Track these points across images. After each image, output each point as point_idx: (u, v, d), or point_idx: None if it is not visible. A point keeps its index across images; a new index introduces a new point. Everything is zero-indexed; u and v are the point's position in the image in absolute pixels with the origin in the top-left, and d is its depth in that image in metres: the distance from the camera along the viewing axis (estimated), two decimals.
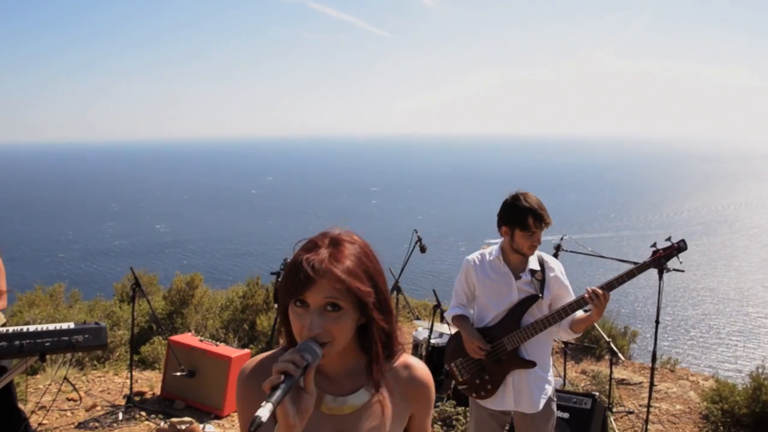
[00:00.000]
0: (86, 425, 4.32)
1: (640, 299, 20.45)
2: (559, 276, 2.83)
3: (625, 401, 5.28)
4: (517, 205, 2.70)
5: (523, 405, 2.79)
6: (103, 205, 55.83)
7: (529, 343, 2.77)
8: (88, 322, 3.84)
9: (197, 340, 4.81)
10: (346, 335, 1.21)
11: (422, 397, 1.37)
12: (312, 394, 1.14)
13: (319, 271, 1.16)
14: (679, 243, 2.75)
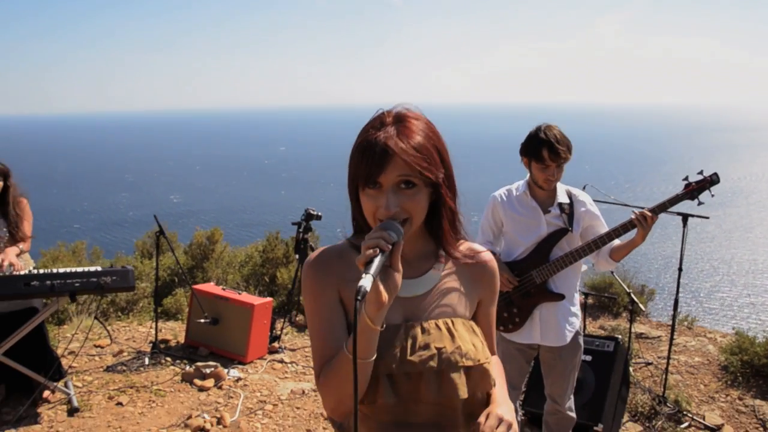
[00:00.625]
0: (114, 369, 4.42)
1: (659, 259, 20.39)
2: (590, 208, 2.82)
3: (644, 353, 5.31)
4: (535, 136, 2.66)
5: (550, 338, 2.81)
6: (117, 176, 56.16)
7: (558, 277, 2.77)
8: (115, 266, 3.92)
9: (220, 289, 4.87)
10: (422, 212, 1.21)
11: (489, 281, 1.38)
12: (399, 272, 1.15)
13: (390, 149, 1.15)
14: (712, 176, 2.72)
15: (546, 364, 2.93)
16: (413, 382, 1.22)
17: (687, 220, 4.02)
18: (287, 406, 3.91)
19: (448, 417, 1.26)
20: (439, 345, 1.22)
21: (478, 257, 1.36)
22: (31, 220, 4.09)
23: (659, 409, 4.16)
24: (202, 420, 3.63)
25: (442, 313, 1.28)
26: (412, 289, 1.28)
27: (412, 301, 1.28)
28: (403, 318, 1.26)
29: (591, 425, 3.53)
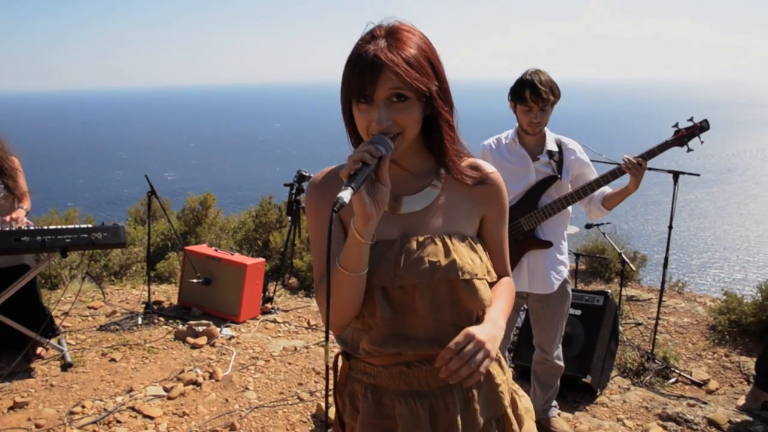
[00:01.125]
0: (107, 328, 4.44)
1: (650, 223, 20.43)
2: (580, 156, 2.81)
3: (634, 315, 5.36)
4: (520, 79, 2.65)
5: (538, 286, 2.83)
6: (111, 154, 55.80)
7: (546, 224, 2.78)
8: (106, 224, 3.91)
9: (212, 250, 4.88)
10: (415, 127, 1.20)
11: (493, 197, 1.34)
12: (387, 186, 1.15)
13: (381, 61, 1.13)
14: (702, 122, 2.71)
15: (534, 313, 2.96)
16: (408, 294, 1.23)
17: (678, 177, 4.04)
18: (279, 362, 3.94)
19: (445, 331, 1.26)
20: (433, 258, 1.22)
21: (481, 173, 1.33)
22: (23, 176, 4.08)
23: (648, 366, 4.22)
24: (195, 374, 3.66)
25: (439, 228, 1.27)
26: (410, 206, 1.28)
27: (410, 217, 1.28)
28: (399, 234, 1.27)
29: (579, 377, 3.57)
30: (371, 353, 1.29)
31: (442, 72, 1.23)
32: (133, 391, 3.46)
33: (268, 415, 3.27)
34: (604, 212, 2.83)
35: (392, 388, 1.29)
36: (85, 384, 3.54)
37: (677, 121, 2.78)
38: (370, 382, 1.32)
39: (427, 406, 1.27)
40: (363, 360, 1.32)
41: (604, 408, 3.56)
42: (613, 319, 3.87)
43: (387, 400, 1.29)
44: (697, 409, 3.36)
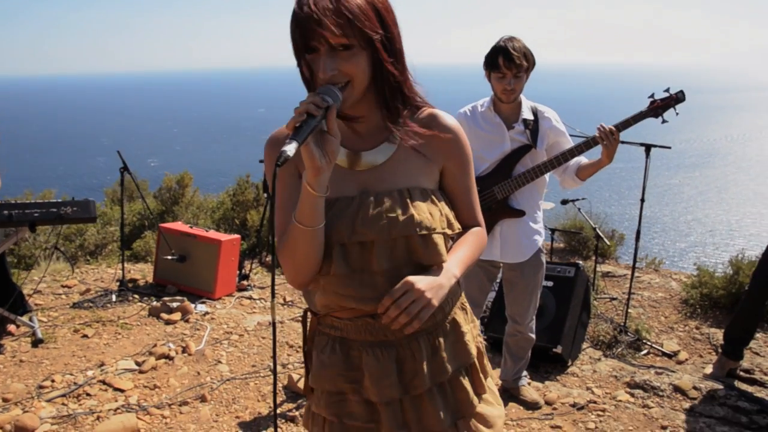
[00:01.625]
0: (81, 305, 4.40)
1: (631, 206, 20.61)
2: (555, 125, 2.80)
3: (609, 290, 5.43)
4: (494, 46, 2.63)
5: (511, 254, 2.83)
6: (93, 140, 55.06)
7: (520, 193, 2.77)
8: (77, 199, 3.87)
9: (187, 227, 4.84)
10: (362, 75, 1.18)
11: (452, 147, 1.31)
12: (336, 137, 1.13)
13: (319, 11, 1.12)
14: (677, 94, 2.71)
15: (508, 282, 2.96)
16: (366, 251, 1.23)
17: (650, 150, 4.07)
18: (253, 336, 3.94)
19: None
20: (391, 214, 1.21)
21: (436, 122, 1.30)
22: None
23: (620, 338, 4.28)
24: (167, 348, 3.65)
25: (398, 182, 1.26)
26: (368, 161, 1.27)
27: (369, 173, 1.27)
28: (358, 190, 1.26)
29: (550, 347, 3.62)
30: (333, 309, 1.29)
31: (389, 21, 1.21)
32: (104, 366, 3.44)
33: (239, 387, 3.27)
34: (577, 182, 2.83)
35: (359, 339, 1.29)
36: (56, 359, 3.51)
37: (653, 92, 2.78)
38: (337, 335, 1.31)
39: (393, 355, 1.28)
40: (330, 315, 1.32)
41: (575, 377, 3.61)
42: (584, 291, 3.91)
43: (354, 351, 1.29)
44: (664, 377, 3.41)
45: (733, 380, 3.56)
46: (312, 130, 1.07)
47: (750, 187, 32.17)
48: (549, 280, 3.79)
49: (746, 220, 25.85)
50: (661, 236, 21.57)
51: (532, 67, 2.70)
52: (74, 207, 3.70)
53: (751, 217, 26.13)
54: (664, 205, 26.63)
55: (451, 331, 1.34)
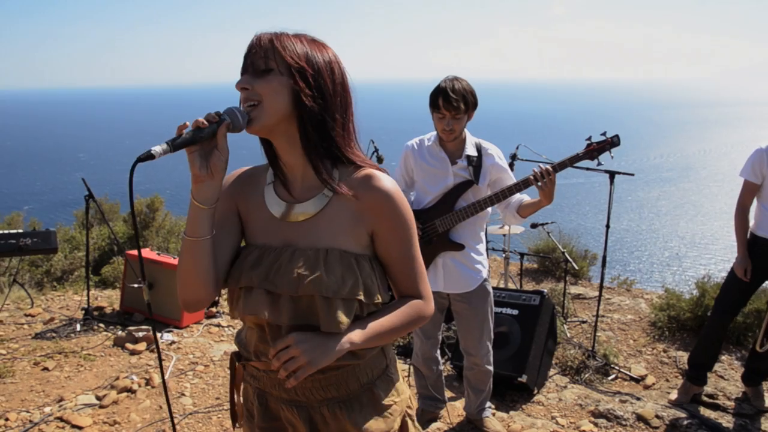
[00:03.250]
0: (43, 336, 4.31)
1: (600, 222, 20.79)
2: (498, 162, 2.82)
3: (579, 313, 5.46)
4: (436, 86, 2.67)
5: (455, 285, 2.85)
6: (70, 155, 54.40)
7: (461, 227, 2.80)
8: (37, 229, 3.81)
9: (155, 254, 4.78)
10: (273, 97, 1.19)
11: (383, 209, 1.25)
12: (223, 153, 1.19)
13: (258, 38, 1.20)
14: (613, 138, 2.74)
15: (457, 314, 2.97)
16: (273, 302, 1.22)
17: (614, 177, 4.13)
18: (219, 367, 3.89)
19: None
20: (301, 271, 1.20)
21: (370, 183, 1.25)
22: None
23: (588, 363, 4.30)
24: (130, 381, 3.58)
25: (320, 240, 1.24)
26: (296, 213, 1.27)
27: (295, 227, 1.27)
28: (282, 242, 1.27)
29: (515, 376, 3.61)
30: (252, 357, 1.31)
31: (323, 70, 1.23)
32: (63, 401, 3.37)
33: (201, 421, 3.22)
34: (518, 219, 2.85)
35: (274, 394, 1.28)
36: (12, 395, 3.43)
37: (590, 135, 2.81)
38: (257, 386, 1.32)
39: (306, 416, 1.27)
40: (250, 364, 1.32)
41: (540, 406, 3.61)
42: (550, 318, 3.93)
43: (272, 404, 1.31)
44: (628, 405, 3.43)
45: (697, 406, 3.59)
46: (192, 140, 1.14)
47: (725, 201, 32.76)
48: (514, 308, 3.81)
49: (719, 233, 26.30)
50: (638, 251, 21.84)
51: (474, 108, 2.71)
52: (34, 238, 3.65)
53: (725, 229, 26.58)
54: (642, 218, 26.97)
55: (368, 402, 1.30)
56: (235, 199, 1.34)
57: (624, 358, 4.55)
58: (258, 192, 1.33)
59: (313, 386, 1.26)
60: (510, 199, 2.76)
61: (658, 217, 28.14)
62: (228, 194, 1.34)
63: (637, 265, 19.50)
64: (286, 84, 1.20)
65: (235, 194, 1.34)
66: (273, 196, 1.30)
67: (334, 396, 1.27)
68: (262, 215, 1.30)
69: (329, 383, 1.27)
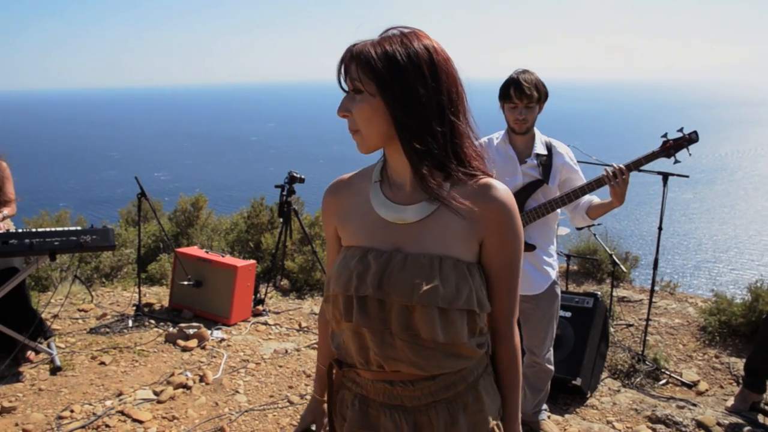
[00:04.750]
0: (97, 331, 4.42)
1: (641, 223, 20.47)
2: (568, 162, 2.80)
3: (625, 316, 5.38)
4: (507, 78, 2.67)
5: (525, 287, 2.82)
6: (103, 154, 55.53)
7: (531, 227, 2.77)
8: (96, 226, 3.90)
9: (203, 252, 4.86)
10: (366, 122, 1.17)
11: (499, 220, 1.22)
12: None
13: (349, 53, 1.16)
14: (691, 134, 2.69)
15: (523, 314, 2.95)
16: (385, 311, 1.19)
17: (667, 179, 4.05)
18: (270, 365, 3.93)
19: (424, 355, 1.20)
20: (416, 280, 1.16)
21: (486, 192, 1.23)
22: (12, 181, 4.06)
23: (638, 367, 4.24)
24: (185, 377, 3.65)
25: (432, 246, 1.20)
26: (405, 216, 1.22)
27: (404, 229, 1.22)
28: (390, 245, 1.22)
29: (569, 379, 3.58)
30: (361, 364, 1.26)
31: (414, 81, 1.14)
32: (122, 395, 3.44)
33: (258, 419, 3.26)
34: (587, 221, 2.82)
35: (378, 400, 1.27)
36: (74, 388, 3.51)
37: (666, 132, 2.77)
38: (358, 392, 1.30)
39: (411, 420, 1.26)
40: (353, 369, 1.30)
41: (594, 410, 3.57)
42: (603, 321, 3.88)
43: (373, 410, 1.28)
44: (686, 411, 3.37)
45: (757, 414, 3.51)
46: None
47: (762, 204, 31.94)
48: (567, 310, 3.77)
49: (759, 238, 25.62)
50: (671, 252, 21.42)
51: (545, 99, 2.72)
52: (93, 235, 3.72)
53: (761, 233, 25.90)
54: (674, 220, 26.46)
55: (473, 402, 1.28)
56: (335, 221, 1.34)
57: (674, 363, 4.47)
58: (359, 194, 1.30)
59: (423, 393, 1.24)
60: (579, 200, 2.73)
61: (693, 219, 27.62)
62: (329, 217, 1.36)
63: (673, 268, 19.15)
64: (378, 106, 1.15)
65: (334, 213, 1.34)
66: (380, 197, 1.26)
67: (443, 398, 1.26)
68: (366, 216, 1.26)
69: (440, 387, 1.25)
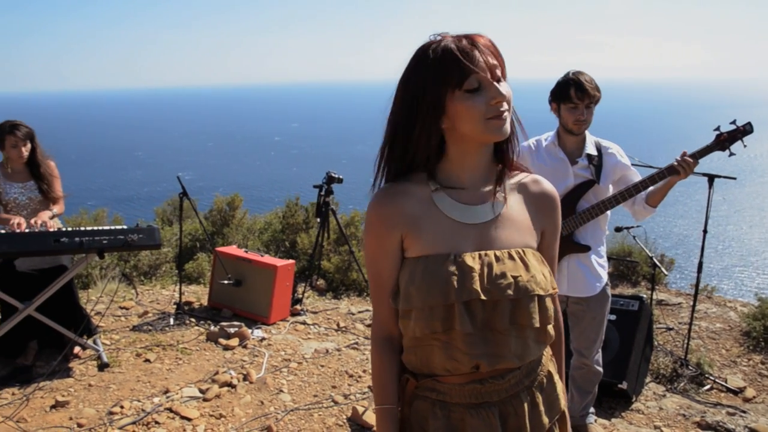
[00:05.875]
0: (140, 328, 4.49)
1: (673, 225, 20.17)
2: (621, 160, 2.79)
3: (664, 319, 5.30)
4: (563, 79, 2.65)
5: (578, 289, 2.80)
6: (129, 154, 56.36)
7: (584, 228, 2.76)
8: (141, 225, 3.96)
9: (242, 251, 4.91)
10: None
11: (552, 212, 1.35)
12: None
13: (473, 40, 1.18)
14: (745, 125, 2.66)
15: (573, 316, 2.93)
16: (488, 311, 1.21)
17: (713, 180, 3.98)
18: (311, 364, 3.96)
19: (526, 346, 1.25)
20: (515, 274, 1.21)
21: (540, 187, 1.34)
22: (59, 180, 4.15)
23: (681, 372, 4.17)
24: (229, 376, 3.69)
25: (512, 241, 1.26)
26: (479, 215, 1.26)
27: (481, 228, 1.25)
28: (474, 246, 1.24)
29: (615, 383, 3.54)
30: (448, 371, 1.25)
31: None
32: (169, 392, 3.49)
33: (303, 418, 3.28)
34: (650, 211, 2.81)
35: (462, 402, 1.27)
36: (122, 384, 3.58)
37: (719, 125, 2.73)
38: (437, 399, 1.29)
39: (497, 413, 1.27)
40: (434, 378, 1.28)
41: (640, 415, 3.53)
42: (648, 325, 3.83)
43: (455, 414, 1.27)
44: (738, 418, 3.31)
45: None
46: None
47: None
48: (612, 313, 3.72)
49: None
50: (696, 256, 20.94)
51: (599, 101, 2.72)
52: (140, 234, 3.78)
53: None
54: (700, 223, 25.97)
55: (548, 382, 1.34)
56: (402, 222, 1.26)
57: (718, 369, 4.40)
58: (421, 201, 1.26)
59: (510, 384, 1.26)
60: (635, 196, 2.73)
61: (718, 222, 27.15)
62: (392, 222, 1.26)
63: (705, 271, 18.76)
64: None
65: (400, 219, 1.26)
66: (449, 201, 1.26)
67: (526, 386, 1.29)
68: (438, 222, 1.25)
69: (524, 374, 1.28)
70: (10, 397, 3.36)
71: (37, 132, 4.00)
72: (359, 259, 5.41)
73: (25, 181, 4.00)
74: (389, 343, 1.34)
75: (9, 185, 3.95)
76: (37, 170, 4.00)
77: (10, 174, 3.98)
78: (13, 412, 3.17)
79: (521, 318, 1.22)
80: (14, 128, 3.93)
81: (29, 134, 3.98)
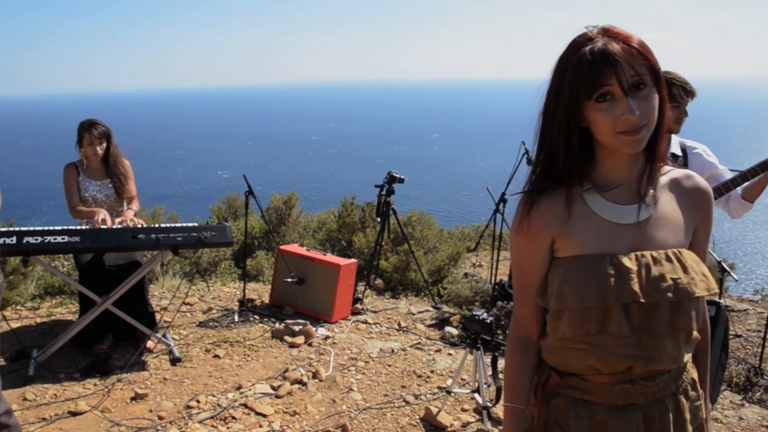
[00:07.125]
0: (206, 324, 4.57)
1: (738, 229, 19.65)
2: (707, 159, 2.75)
3: (732, 326, 5.15)
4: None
5: None
6: (169, 152, 57.58)
7: None
8: (211, 223, 4.04)
9: (304, 250, 4.95)
10: (656, 115, 1.17)
11: (707, 209, 1.31)
12: None
13: (612, 51, 1.12)
14: None
15: None
16: (645, 313, 1.19)
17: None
18: (378, 364, 3.97)
19: (680, 349, 1.23)
20: (674, 276, 1.18)
21: (693, 182, 1.30)
22: (133, 179, 4.28)
23: (755, 381, 4.05)
24: (299, 374, 3.72)
25: (666, 242, 1.23)
26: (631, 215, 1.23)
27: (635, 229, 1.23)
28: (628, 246, 1.22)
29: None
30: (596, 371, 1.24)
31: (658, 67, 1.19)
32: (242, 388, 3.54)
33: (377, 417, 3.29)
34: (746, 207, 2.75)
35: (607, 403, 1.26)
36: (195, 379, 3.65)
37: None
38: (581, 398, 1.27)
39: (641, 417, 1.25)
40: (580, 376, 1.27)
41: (719, 424, 3.44)
42: (724, 331, 3.71)
43: (598, 415, 1.26)
44: None
45: None
46: None
47: None
48: None
49: None
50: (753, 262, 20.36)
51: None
52: (212, 231, 3.85)
53: None
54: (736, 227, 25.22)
55: (692, 390, 1.31)
56: (554, 224, 1.25)
57: None
58: (572, 203, 1.25)
59: (658, 387, 1.24)
60: (729, 192, 2.68)
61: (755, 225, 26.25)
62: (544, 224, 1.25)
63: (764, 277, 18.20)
64: (656, 98, 1.16)
65: (552, 220, 1.25)
66: (601, 201, 1.24)
67: (672, 391, 1.26)
68: (590, 222, 1.24)
69: (672, 378, 1.26)
70: (92, 387, 3.46)
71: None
72: (419, 258, 5.40)
73: (102, 179, 4.13)
74: (526, 344, 1.34)
75: (88, 182, 4.09)
76: (112, 169, 4.13)
77: (88, 171, 4.12)
78: (98, 402, 3.27)
79: (680, 321, 1.20)
80: (92, 126, 4.07)
81: (105, 133, 4.11)
